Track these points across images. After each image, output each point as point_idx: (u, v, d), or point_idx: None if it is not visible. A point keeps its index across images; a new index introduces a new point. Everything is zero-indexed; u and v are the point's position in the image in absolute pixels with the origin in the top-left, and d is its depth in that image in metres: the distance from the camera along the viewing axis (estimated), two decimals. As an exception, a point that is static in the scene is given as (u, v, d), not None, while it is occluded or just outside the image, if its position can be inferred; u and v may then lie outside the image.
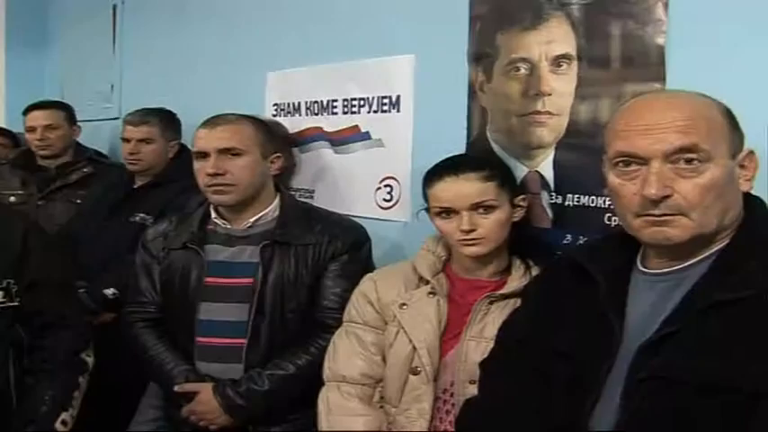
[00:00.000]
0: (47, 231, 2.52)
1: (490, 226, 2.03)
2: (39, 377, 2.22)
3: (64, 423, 2.20)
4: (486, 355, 1.89)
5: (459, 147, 2.43)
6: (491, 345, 1.94)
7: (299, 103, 3.15)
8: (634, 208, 1.45)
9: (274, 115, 3.25)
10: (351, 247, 2.42)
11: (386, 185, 2.78)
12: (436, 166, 2.12)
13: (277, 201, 2.48)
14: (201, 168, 2.39)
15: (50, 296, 2.23)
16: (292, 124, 3.17)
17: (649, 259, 1.55)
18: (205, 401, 2.33)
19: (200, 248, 2.42)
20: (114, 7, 4.52)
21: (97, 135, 4.38)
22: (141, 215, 3.24)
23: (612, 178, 1.50)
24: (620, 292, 1.54)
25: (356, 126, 2.88)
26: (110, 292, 3.13)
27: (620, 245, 1.60)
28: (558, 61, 2.22)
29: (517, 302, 1.99)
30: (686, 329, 1.37)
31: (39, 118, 3.82)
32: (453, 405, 2.01)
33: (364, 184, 2.86)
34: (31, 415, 2.17)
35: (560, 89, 2.21)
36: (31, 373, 2.22)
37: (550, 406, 1.54)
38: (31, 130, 3.82)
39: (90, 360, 2.32)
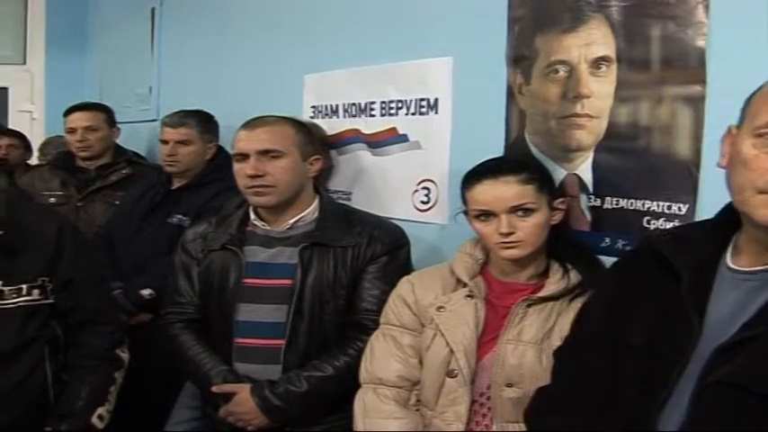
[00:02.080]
0: (80, 229, 2.54)
1: (529, 229, 2.01)
2: (75, 373, 2.25)
3: (100, 418, 2.23)
4: (523, 358, 1.93)
5: (497, 149, 2.43)
6: (528, 348, 1.95)
7: (337, 105, 3.15)
8: (761, 183, 1.32)
9: (312, 117, 3.26)
10: (390, 249, 2.42)
11: (423, 188, 2.77)
12: (475, 168, 2.11)
13: (316, 202, 2.49)
14: (241, 170, 2.40)
15: (85, 293, 2.26)
16: (330, 126, 3.17)
17: (740, 255, 1.45)
18: (243, 402, 2.33)
19: (240, 250, 2.43)
20: (153, 10, 4.57)
21: (135, 137, 4.43)
22: (179, 216, 3.27)
23: (748, 148, 1.35)
24: (704, 289, 1.44)
25: (394, 128, 2.88)
26: (146, 292, 3.17)
27: (708, 237, 1.50)
28: (597, 63, 2.20)
29: (555, 306, 1.99)
30: (766, 334, 1.29)
31: (79, 119, 3.86)
32: (489, 408, 2.00)
33: (402, 186, 2.85)
34: (67, 410, 2.20)
35: (599, 91, 2.20)
36: (67, 368, 2.26)
37: (620, 402, 1.47)
38: (72, 131, 3.86)
39: (125, 356, 2.34)
